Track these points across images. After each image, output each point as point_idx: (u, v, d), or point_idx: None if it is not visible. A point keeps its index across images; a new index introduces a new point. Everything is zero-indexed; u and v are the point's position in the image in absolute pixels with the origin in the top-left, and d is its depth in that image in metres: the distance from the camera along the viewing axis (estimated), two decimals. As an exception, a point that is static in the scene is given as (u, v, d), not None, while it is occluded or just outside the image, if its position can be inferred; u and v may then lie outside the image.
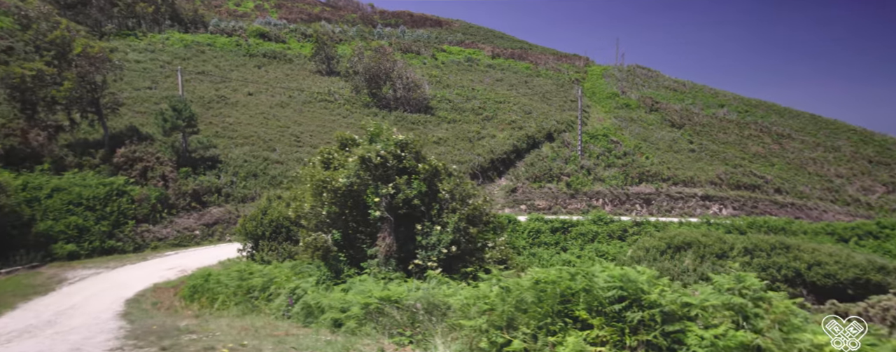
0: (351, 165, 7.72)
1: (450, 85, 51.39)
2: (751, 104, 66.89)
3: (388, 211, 7.43)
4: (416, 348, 5.01)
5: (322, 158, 8.88)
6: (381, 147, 7.86)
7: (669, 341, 3.54)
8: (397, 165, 7.83)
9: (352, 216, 8.25)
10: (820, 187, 40.04)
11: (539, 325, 4.05)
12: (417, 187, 7.67)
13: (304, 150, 34.82)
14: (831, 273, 20.68)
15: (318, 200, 7.99)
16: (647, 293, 3.65)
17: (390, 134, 8.75)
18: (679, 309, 3.55)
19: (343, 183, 7.73)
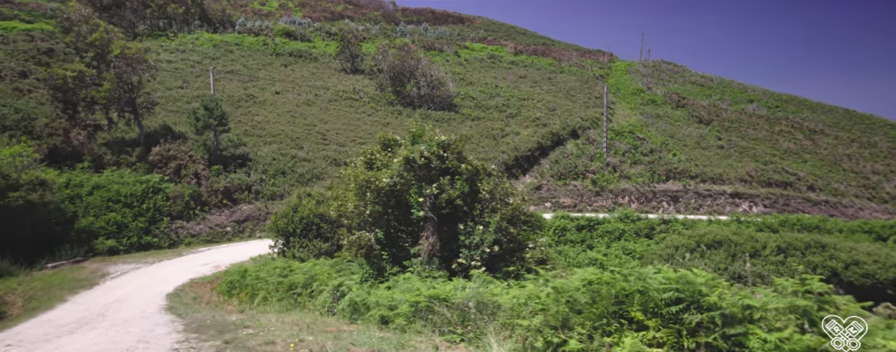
0: (395, 165, 7.88)
1: (473, 82, 51.37)
2: (781, 99, 65.23)
3: (431, 211, 7.57)
4: (468, 346, 5.13)
5: (365, 158, 9.07)
6: (425, 148, 8.00)
7: (730, 344, 3.57)
8: (440, 165, 7.96)
9: (394, 216, 8.42)
10: (855, 184, 38.91)
11: (595, 325, 4.12)
12: (460, 188, 7.80)
13: (330, 148, 35.31)
14: (870, 273, 20.13)
15: (362, 199, 8.18)
16: (705, 295, 3.68)
17: (433, 135, 8.89)
18: (740, 312, 3.57)
19: (386, 183, 7.89)
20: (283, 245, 19.77)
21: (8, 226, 19.92)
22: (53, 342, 8.14)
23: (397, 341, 5.27)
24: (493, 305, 5.57)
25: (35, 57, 32.15)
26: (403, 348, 5.12)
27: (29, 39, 33.23)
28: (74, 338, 8.22)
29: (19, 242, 20.23)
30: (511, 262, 7.58)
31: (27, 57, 31.80)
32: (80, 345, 7.46)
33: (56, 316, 12.59)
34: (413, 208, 7.92)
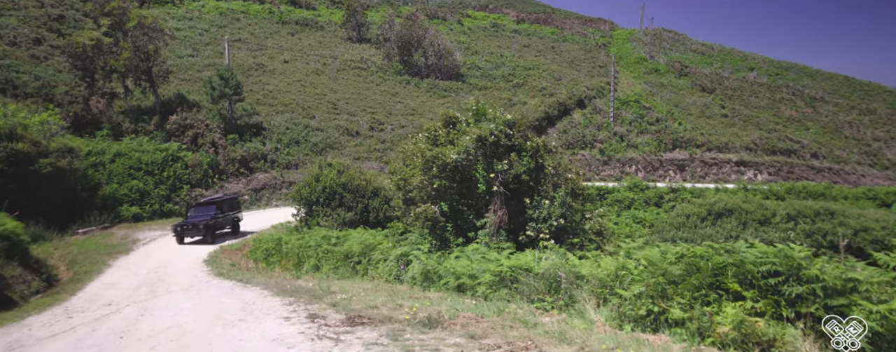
0: (467, 141, 8.26)
1: (478, 51, 51.07)
2: (781, 67, 65.38)
3: (501, 185, 8.01)
4: (560, 314, 5.65)
5: (429, 135, 9.44)
6: (494, 126, 8.38)
7: (830, 315, 4.04)
8: (507, 142, 8.37)
9: (457, 190, 8.86)
10: (857, 151, 39.78)
11: (694, 296, 4.62)
12: (527, 163, 8.22)
13: (341, 117, 35.44)
14: (879, 239, 20.89)
15: (428, 174, 8.59)
16: (805, 269, 4.14)
17: (496, 113, 9.26)
18: (842, 284, 4.01)
19: (454, 159, 8.29)
20: (306, 214, 20.13)
21: (39, 193, 20.22)
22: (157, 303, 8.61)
23: (497, 308, 5.81)
24: (577, 275, 6.08)
25: (46, 23, 31.67)
26: (501, 314, 5.66)
27: (39, 5, 32.62)
28: (175, 302, 8.73)
29: (50, 209, 20.59)
30: (574, 233, 8.09)
31: (39, 23, 31.33)
32: (187, 306, 7.95)
33: (114, 280, 13.09)
34: (478, 183, 8.35)
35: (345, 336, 4.93)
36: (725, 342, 4.07)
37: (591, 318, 5.14)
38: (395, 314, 5.76)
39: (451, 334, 4.89)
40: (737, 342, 4.04)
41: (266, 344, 4.88)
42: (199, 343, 5.32)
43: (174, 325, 6.21)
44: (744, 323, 4.02)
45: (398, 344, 4.57)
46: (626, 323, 4.96)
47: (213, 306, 7.65)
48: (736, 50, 72.67)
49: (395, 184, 9.88)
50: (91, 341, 5.71)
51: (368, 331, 5.09)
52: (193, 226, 18.27)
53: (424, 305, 6.40)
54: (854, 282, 3.99)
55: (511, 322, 5.27)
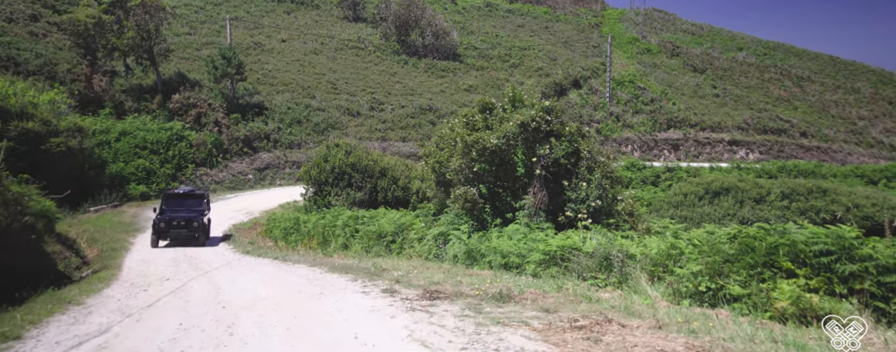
0: (511, 126, 8.68)
1: (473, 31, 50.90)
2: (769, 47, 66.21)
3: (542, 169, 8.49)
4: (615, 290, 6.18)
5: (467, 120, 9.85)
6: (534, 112, 8.81)
7: (884, 290, 4.63)
8: (547, 128, 8.82)
9: (495, 173, 9.31)
10: (844, 130, 41.01)
11: (750, 274, 5.17)
12: (566, 148, 8.71)
13: (342, 97, 35.45)
14: (869, 215, 21.96)
15: (467, 158, 9.03)
16: (857, 248, 4.68)
17: (534, 99, 9.68)
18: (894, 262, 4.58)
19: (494, 143, 8.74)
20: (314, 193, 20.50)
21: (50, 171, 20.33)
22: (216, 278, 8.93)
23: (556, 284, 6.33)
24: (627, 254, 6.61)
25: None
26: (560, 290, 6.19)
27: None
28: (224, 277, 9.12)
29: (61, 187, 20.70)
30: (609, 214, 8.65)
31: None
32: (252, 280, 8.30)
33: (145, 257, 13.38)
34: (518, 166, 8.82)
35: (432, 308, 5.40)
36: (784, 316, 4.66)
37: (648, 294, 5.71)
38: (463, 290, 6.26)
39: (525, 308, 5.42)
40: (795, 316, 4.63)
41: (367, 314, 5.31)
42: (303, 311, 5.71)
43: (259, 297, 6.58)
44: (801, 298, 4.60)
45: (483, 316, 5.07)
46: (682, 299, 5.54)
47: (279, 281, 8.06)
48: (725, 30, 73.22)
49: (430, 167, 10.32)
50: (196, 310, 6.08)
51: (449, 304, 5.58)
52: (185, 223, 14.76)
53: (478, 281, 6.93)
54: (904, 260, 4.56)
55: (573, 297, 5.82)
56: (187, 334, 4.94)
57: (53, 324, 5.56)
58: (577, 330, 4.40)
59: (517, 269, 7.72)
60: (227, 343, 4.51)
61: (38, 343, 4.88)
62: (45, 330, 5.30)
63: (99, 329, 5.26)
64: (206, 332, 4.94)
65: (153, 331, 5.15)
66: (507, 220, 9.25)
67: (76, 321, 5.68)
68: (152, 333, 5.07)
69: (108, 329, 5.26)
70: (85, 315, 5.98)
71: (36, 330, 5.28)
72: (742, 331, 4.18)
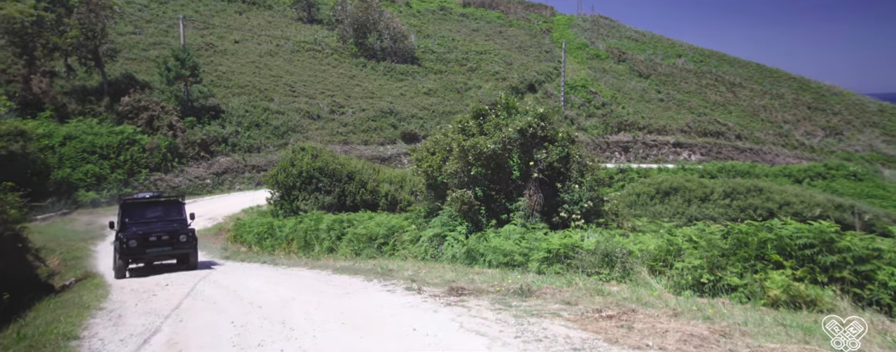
0: (511, 132, 9.13)
1: (430, 35, 51.38)
2: (705, 54, 70.68)
3: (539, 172, 9.00)
4: (620, 284, 6.73)
5: (461, 125, 10.24)
6: (531, 119, 9.32)
7: (859, 278, 5.34)
8: (541, 133, 9.35)
9: (489, 177, 9.76)
10: (772, 133, 44.57)
11: (744, 266, 5.84)
12: (560, 152, 9.27)
13: (301, 100, 34.91)
14: (798, 212, 24.14)
15: (464, 161, 9.42)
16: (836, 241, 5.42)
17: (526, 106, 10.19)
18: (869, 253, 5.33)
19: (491, 148, 9.18)
20: (281, 197, 20.36)
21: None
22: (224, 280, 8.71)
23: (566, 280, 6.81)
24: (626, 251, 7.20)
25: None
26: (570, 286, 6.68)
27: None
28: (228, 280, 8.97)
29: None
30: (598, 214, 9.29)
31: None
32: (262, 283, 8.22)
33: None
34: (513, 170, 9.30)
35: (465, 304, 5.70)
36: (777, 303, 5.33)
37: (653, 286, 6.30)
38: (482, 287, 6.62)
39: (547, 302, 5.85)
40: (785, 303, 5.31)
41: (408, 309, 5.53)
42: (343, 308, 5.75)
43: (285, 298, 6.55)
44: (790, 287, 5.29)
45: (515, 309, 5.45)
46: (683, 290, 6.16)
47: (291, 283, 8.09)
48: (665, 37, 77.52)
49: (424, 171, 10.63)
50: (233, 309, 6.00)
51: (477, 300, 5.91)
52: (169, 238, 11.04)
53: (489, 278, 7.33)
54: (878, 251, 5.34)
55: (586, 291, 6.31)
56: (247, 330, 5.02)
57: (93, 327, 5.47)
58: (608, 319, 4.87)
59: (520, 267, 8.16)
60: (296, 337, 4.65)
61: (102, 343, 4.84)
62: (94, 331, 5.23)
63: (147, 329, 5.24)
64: (265, 328, 5.04)
65: (208, 328, 5.18)
66: (502, 221, 9.71)
67: (115, 323, 5.60)
68: (210, 329, 5.11)
69: (158, 329, 5.24)
70: (116, 318, 5.89)
71: (84, 331, 5.20)
72: (751, 316, 4.80)
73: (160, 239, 11.00)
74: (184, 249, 11.27)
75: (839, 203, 23.82)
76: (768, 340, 4.26)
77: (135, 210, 11.68)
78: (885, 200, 30.73)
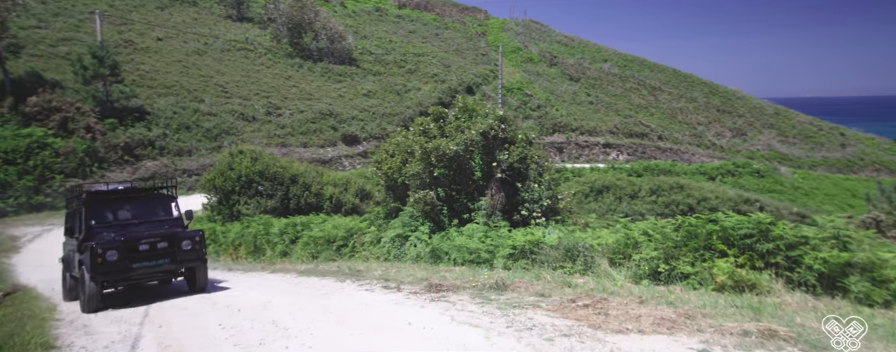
0: (474, 134, 9.39)
1: (367, 36, 50.97)
2: (628, 59, 75.21)
3: (502, 172, 9.34)
4: (584, 276, 7.19)
5: (423, 128, 10.38)
6: (492, 121, 9.64)
7: (789, 262, 6.08)
8: (502, 135, 9.70)
9: (452, 177, 10.01)
10: (688, 134, 48.29)
11: (695, 256, 6.47)
12: (520, 153, 9.67)
13: (234, 101, 33.46)
14: (714, 206, 26.45)
15: (426, 163, 9.60)
16: (772, 230, 6.14)
17: (485, 109, 10.50)
18: (797, 239, 6.07)
19: (454, 150, 9.44)
20: (218, 202, 19.68)
21: None
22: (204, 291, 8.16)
23: (534, 274, 7.18)
24: (586, 246, 7.70)
25: None
26: (539, 279, 7.05)
27: None
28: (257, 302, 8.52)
29: None
30: (556, 211, 9.79)
31: None
32: (243, 288, 7.86)
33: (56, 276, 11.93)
34: (475, 170, 9.60)
35: (447, 299, 5.88)
36: (723, 288, 5.97)
37: (614, 277, 6.80)
38: (457, 283, 6.81)
39: (522, 295, 6.16)
40: (730, 287, 5.96)
41: (395, 306, 5.60)
42: (330, 308, 5.69)
43: (262, 301, 6.34)
44: (734, 273, 5.94)
45: (495, 303, 5.69)
46: (641, 280, 6.70)
47: (262, 287, 7.88)
48: (591, 42, 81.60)
49: (384, 173, 10.70)
50: (215, 314, 5.79)
51: (457, 295, 6.11)
52: (166, 247, 7.81)
53: (459, 275, 7.58)
54: (805, 238, 6.11)
55: (555, 284, 6.70)
56: (239, 331, 4.91)
57: (64, 337, 5.11)
58: (585, 308, 5.25)
59: (486, 264, 8.47)
60: (295, 335, 4.63)
61: (86, 351, 4.56)
62: (69, 341, 4.90)
63: (126, 336, 4.98)
64: (257, 329, 4.95)
65: (197, 331, 5.01)
66: (463, 220, 9.98)
67: (86, 333, 5.27)
68: (199, 331, 4.94)
69: (139, 335, 5.00)
70: (82, 327, 5.53)
71: (58, 341, 4.86)
72: (707, 300, 5.36)
73: (155, 248, 7.65)
74: (188, 262, 7.88)
75: (747, 198, 26.35)
76: (726, 319, 4.81)
77: (103, 207, 8.28)
78: (782, 195, 34.39)
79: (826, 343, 4.21)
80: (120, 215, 8.34)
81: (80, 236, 7.80)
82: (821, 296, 5.95)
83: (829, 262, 5.76)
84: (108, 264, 7.27)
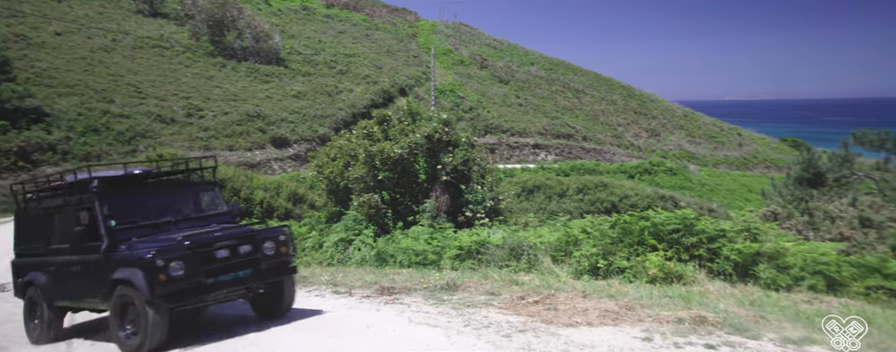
0: (419, 138, 9.43)
1: (295, 36, 49.49)
2: (553, 63, 78.43)
3: (447, 175, 9.46)
4: (529, 274, 7.49)
5: (366, 131, 10.29)
6: (436, 125, 9.74)
7: (710, 254, 6.70)
8: (446, 138, 9.84)
9: (397, 180, 10.02)
10: (610, 135, 51.21)
11: (630, 251, 6.97)
12: (463, 156, 9.85)
13: (149, 102, 31.22)
14: (634, 203, 28.37)
15: (370, 166, 9.54)
16: (695, 225, 6.76)
17: (430, 113, 10.57)
18: (717, 233, 6.72)
19: (399, 153, 9.46)
20: None
21: None
22: None
23: (482, 273, 7.37)
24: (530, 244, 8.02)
25: None
26: (487, 279, 7.27)
27: None
28: None
29: None
30: (498, 212, 10.08)
31: None
32: None
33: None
34: (419, 173, 9.67)
35: (401, 301, 5.90)
36: (655, 280, 6.47)
37: (557, 273, 7.14)
38: (408, 285, 6.83)
39: (473, 294, 6.31)
40: (661, 279, 6.47)
41: (349, 310, 5.50)
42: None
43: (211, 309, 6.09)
44: (664, 265, 6.46)
45: (449, 303, 5.78)
46: (582, 275, 7.09)
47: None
48: (519, 46, 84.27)
49: (325, 177, 10.50)
50: None
51: (410, 297, 6.14)
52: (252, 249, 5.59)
53: (408, 277, 7.64)
54: (723, 231, 6.76)
55: (503, 282, 6.93)
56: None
57: None
58: (535, 304, 5.50)
59: (432, 265, 8.57)
60: (258, 342, 4.45)
61: None
62: None
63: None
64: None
65: None
66: (408, 223, 10.04)
67: None
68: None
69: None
70: None
71: None
72: (643, 292, 5.79)
73: (236, 254, 5.45)
74: (274, 274, 5.70)
75: (662, 194, 28.46)
76: (662, 309, 5.23)
77: (123, 201, 5.91)
78: (691, 191, 37.46)
79: (747, 325, 4.71)
80: (149, 212, 5.98)
81: (103, 245, 5.44)
82: (736, 283, 6.62)
83: (743, 252, 6.42)
84: (175, 282, 4.99)
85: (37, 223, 6.47)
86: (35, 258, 6.44)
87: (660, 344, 4.28)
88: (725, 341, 4.34)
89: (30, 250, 6.57)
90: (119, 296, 5.18)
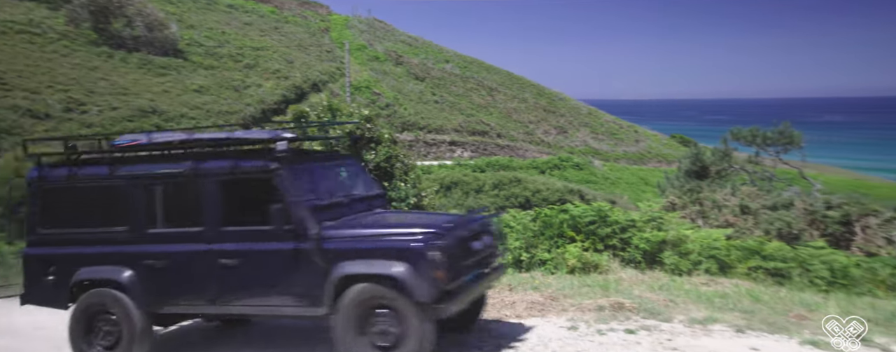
0: (339, 134, 9.06)
1: (195, 26, 46.03)
2: (468, 61, 79.98)
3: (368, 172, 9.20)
4: None
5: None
6: (360, 122, 9.42)
7: (622, 243, 7.20)
8: (369, 135, 9.56)
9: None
10: (522, 132, 53.21)
11: (550, 243, 7.27)
12: (386, 152, 9.64)
13: (17, 95, 27.49)
14: (546, 197, 29.79)
15: None
16: (610, 216, 7.21)
17: (350, 109, 10.20)
18: (628, 223, 7.21)
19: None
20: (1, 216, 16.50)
21: None
22: None
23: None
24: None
25: None
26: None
27: None
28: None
29: None
30: (421, 209, 10.02)
31: None
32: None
33: None
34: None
35: None
36: (574, 270, 6.79)
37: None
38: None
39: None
40: (580, 269, 6.81)
41: None
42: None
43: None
44: (582, 256, 6.80)
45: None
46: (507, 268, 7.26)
47: None
48: (433, 43, 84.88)
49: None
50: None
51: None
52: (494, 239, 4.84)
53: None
54: (633, 221, 7.25)
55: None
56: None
57: None
58: (464, 303, 5.52)
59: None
60: None
61: None
62: None
63: None
64: None
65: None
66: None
67: None
68: None
69: None
70: None
71: None
72: (564, 283, 6.05)
73: (486, 246, 4.62)
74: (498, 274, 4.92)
75: (571, 189, 30.15)
76: (583, 298, 5.49)
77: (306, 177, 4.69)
78: (596, 185, 40.11)
79: (659, 309, 5.08)
80: (319, 190, 4.71)
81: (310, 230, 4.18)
82: (645, 270, 7.15)
83: (650, 241, 6.94)
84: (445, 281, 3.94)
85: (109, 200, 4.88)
86: (97, 248, 4.84)
87: (585, 332, 4.48)
88: (642, 325, 4.63)
89: (80, 238, 4.94)
90: (365, 299, 3.94)
